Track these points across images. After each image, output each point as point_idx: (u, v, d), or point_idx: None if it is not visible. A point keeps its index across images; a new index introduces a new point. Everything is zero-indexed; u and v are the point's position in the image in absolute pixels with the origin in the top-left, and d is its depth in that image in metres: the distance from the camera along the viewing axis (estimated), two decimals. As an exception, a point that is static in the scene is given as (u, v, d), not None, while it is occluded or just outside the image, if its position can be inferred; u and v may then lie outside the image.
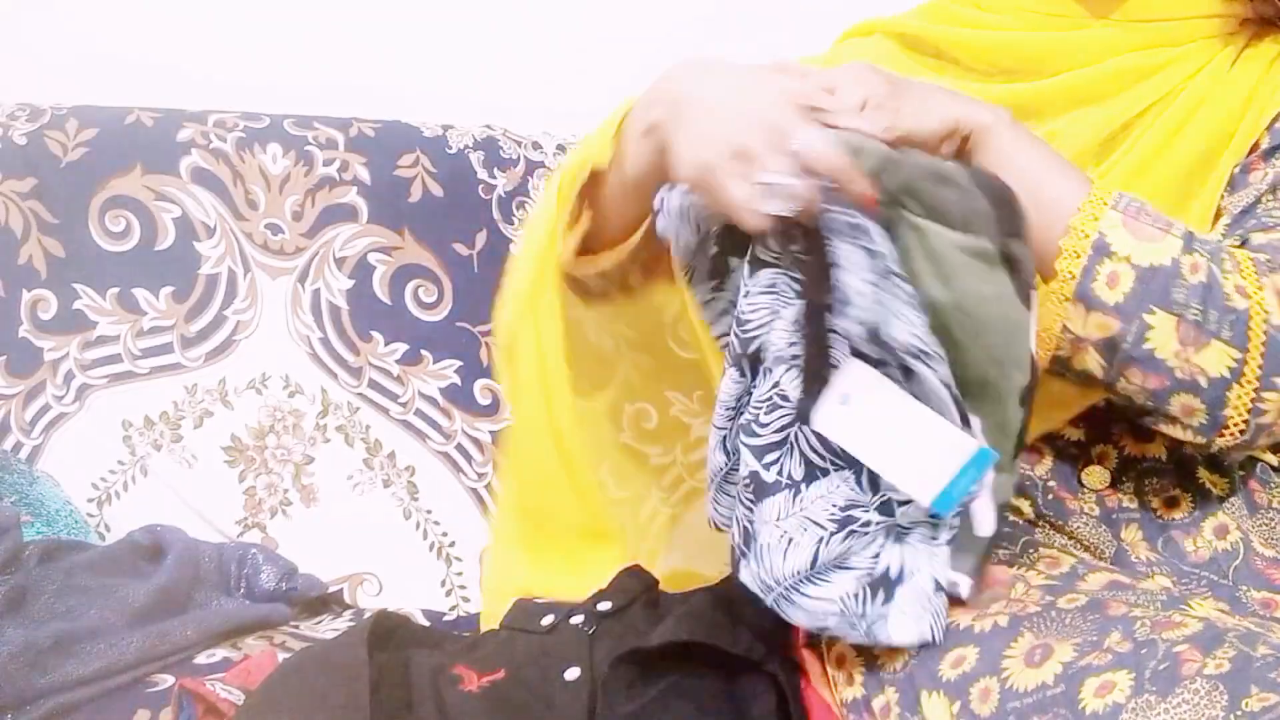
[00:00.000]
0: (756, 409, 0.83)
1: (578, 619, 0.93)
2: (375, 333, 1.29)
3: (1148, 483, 0.91)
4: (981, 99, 0.86)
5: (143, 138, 1.31)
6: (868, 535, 0.81)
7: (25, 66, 1.47)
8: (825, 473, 0.82)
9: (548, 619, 0.94)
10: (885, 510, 0.80)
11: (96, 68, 1.46)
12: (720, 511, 0.89)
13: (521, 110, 1.01)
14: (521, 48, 1.47)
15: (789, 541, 0.82)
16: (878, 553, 0.81)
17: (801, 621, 0.83)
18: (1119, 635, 0.73)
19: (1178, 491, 0.90)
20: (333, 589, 1.26)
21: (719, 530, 0.90)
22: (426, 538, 1.28)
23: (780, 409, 0.82)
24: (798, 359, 0.81)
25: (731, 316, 0.85)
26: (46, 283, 1.30)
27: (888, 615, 0.81)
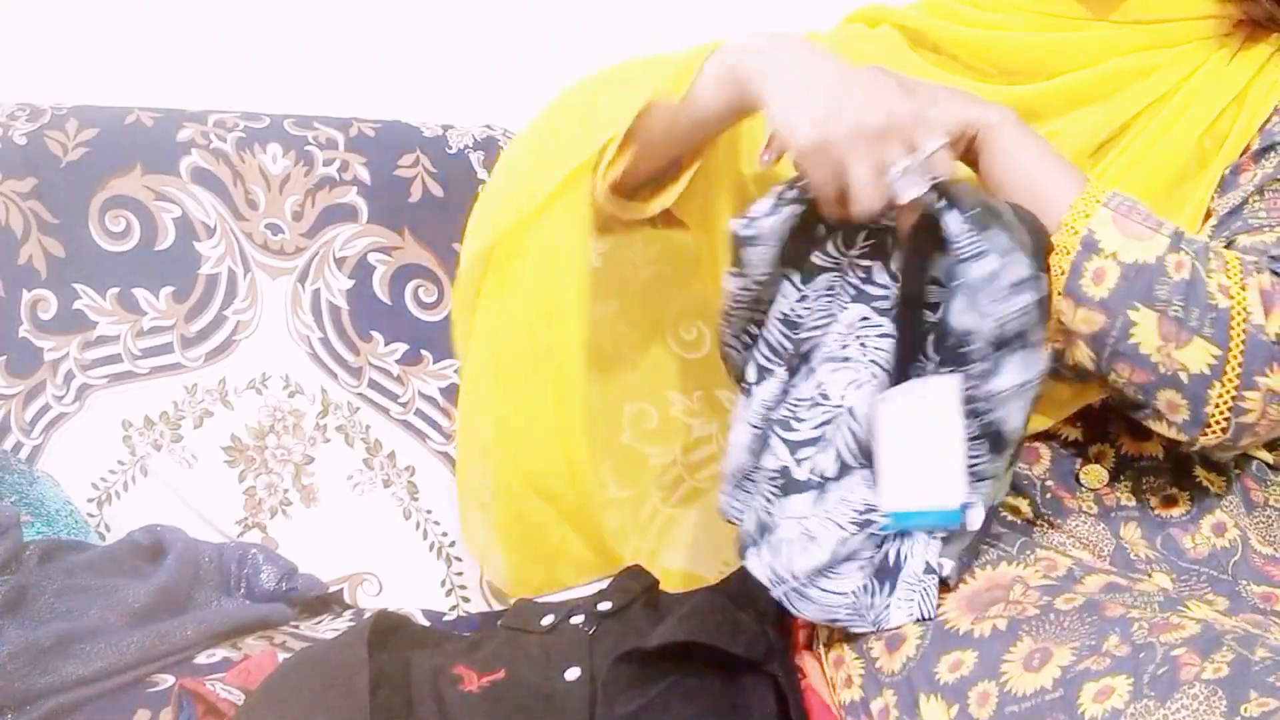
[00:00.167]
0: (795, 405, 0.86)
1: (578, 619, 0.93)
2: (375, 333, 1.29)
3: (1145, 481, 0.91)
4: (984, 98, 0.87)
5: (143, 138, 1.31)
6: (881, 535, 0.84)
7: (25, 66, 1.47)
8: (850, 471, 0.84)
9: (548, 619, 0.94)
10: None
11: (96, 68, 1.46)
12: (734, 506, 0.91)
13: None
14: (521, 48, 1.47)
15: (809, 539, 0.84)
16: (881, 544, 0.84)
17: (810, 615, 0.86)
18: (1117, 638, 0.73)
19: (1175, 490, 0.91)
20: (333, 589, 1.26)
21: (730, 523, 0.91)
22: (426, 538, 1.28)
23: (821, 406, 0.86)
24: (848, 360, 0.85)
25: (748, 311, 0.87)
26: (46, 283, 1.30)
27: (891, 603, 0.83)
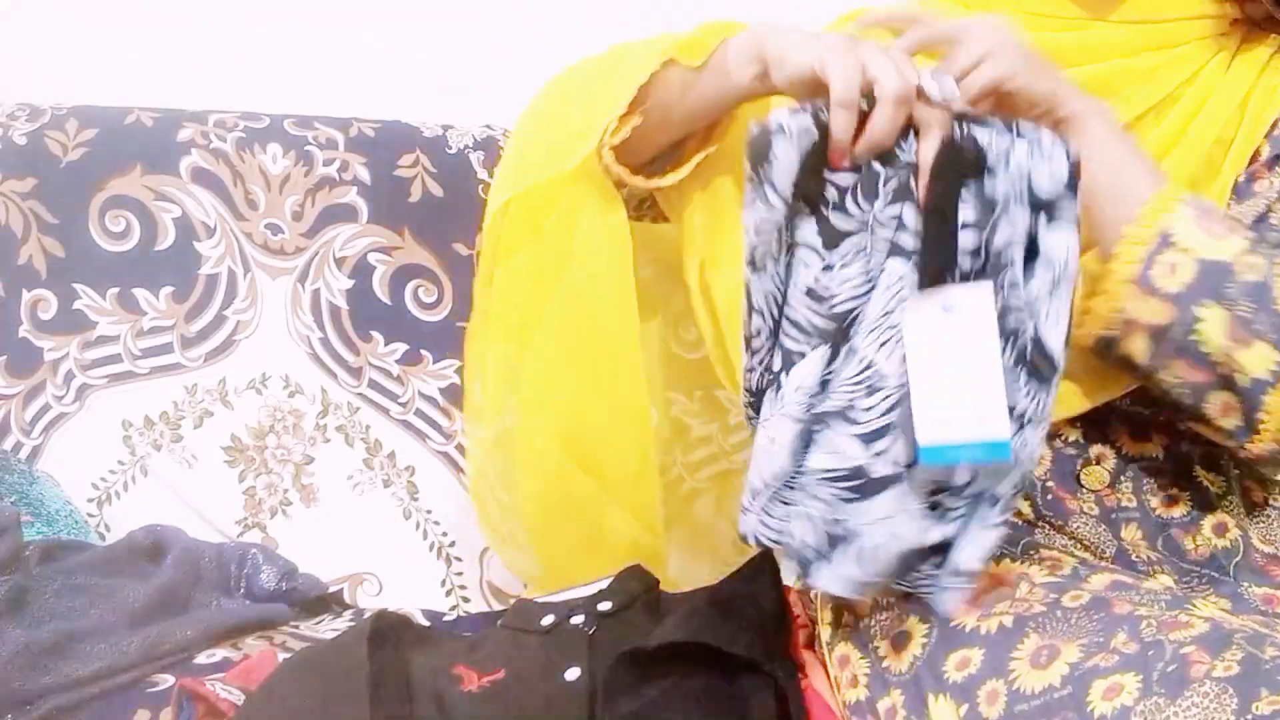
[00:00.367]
0: (850, 393, 0.77)
1: (578, 619, 0.93)
2: (375, 333, 1.29)
3: (1146, 482, 0.91)
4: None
5: (143, 138, 1.31)
6: (951, 521, 0.78)
7: (25, 66, 1.47)
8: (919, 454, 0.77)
9: (548, 619, 0.94)
10: (975, 499, 0.78)
11: (96, 68, 1.46)
12: (769, 524, 0.82)
13: (521, 110, 1.01)
14: (521, 48, 1.47)
15: (894, 536, 0.78)
16: (957, 532, 0.79)
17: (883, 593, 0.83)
18: (1125, 635, 0.73)
19: (1176, 490, 0.91)
20: (333, 589, 1.26)
21: (761, 546, 0.84)
22: (426, 538, 1.28)
23: (880, 390, 0.77)
24: (894, 329, 0.76)
25: (773, 253, 0.80)
26: (46, 283, 1.30)
27: (933, 585, 0.80)
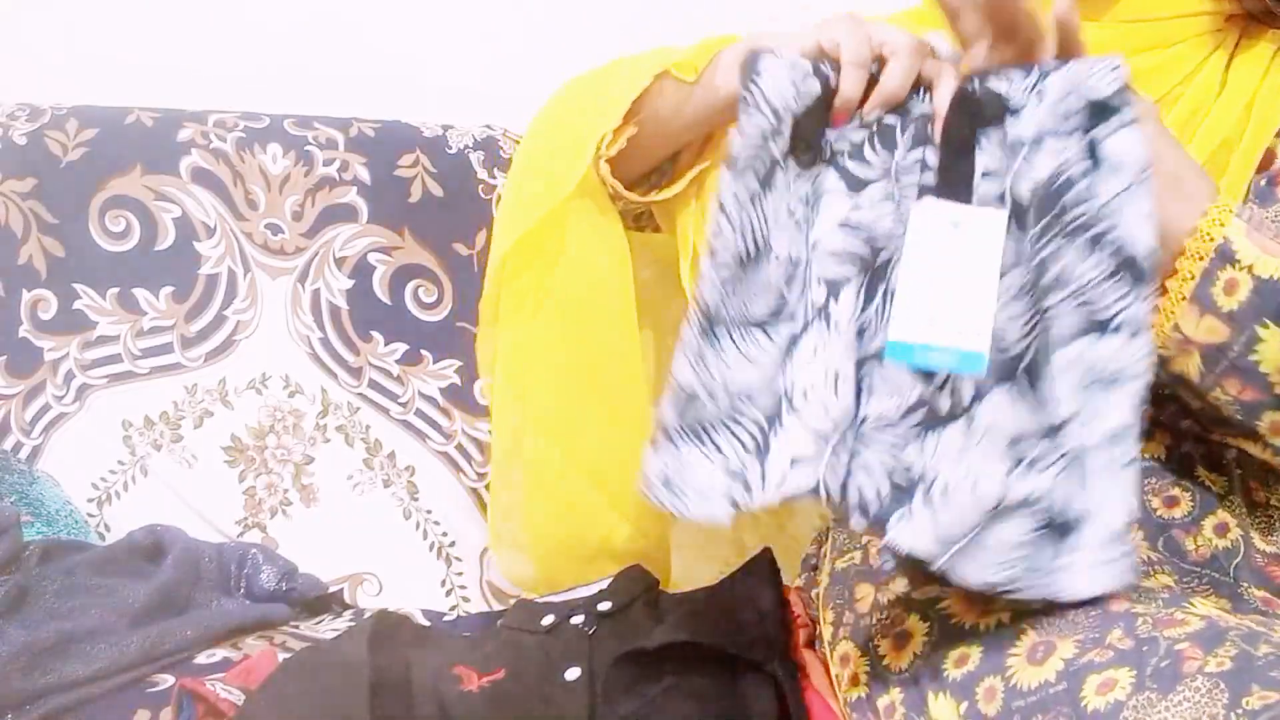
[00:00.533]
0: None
1: (578, 619, 0.93)
2: (375, 333, 1.29)
3: (1147, 482, 0.91)
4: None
5: (143, 138, 1.31)
6: (1050, 468, 0.74)
7: (25, 66, 1.47)
8: (984, 391, 0.74)
9: (548, 619, 0.94)
10: (1052, 434, 0.74)
11: (96, 68, 1.46)
12: (839, 473, 0.76)
13: (521, 110, 1.01)
14: (521, 48, 1.47)
15: (972, 479, 0.73)
16: (1052, 486, 0.74)
17: (977, 579, 0.74)
18: (1120, 632, 0.73)
19: (1177, 490, 0.90)
20: (333, 589, 1.26)
21: (838, 499, 0.76)
22: (426, 538, 1.28)
23: None
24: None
25: (741, 240, 0.78)
26: (46, 283, 1.30)
27: (1071, 564, 0.75)
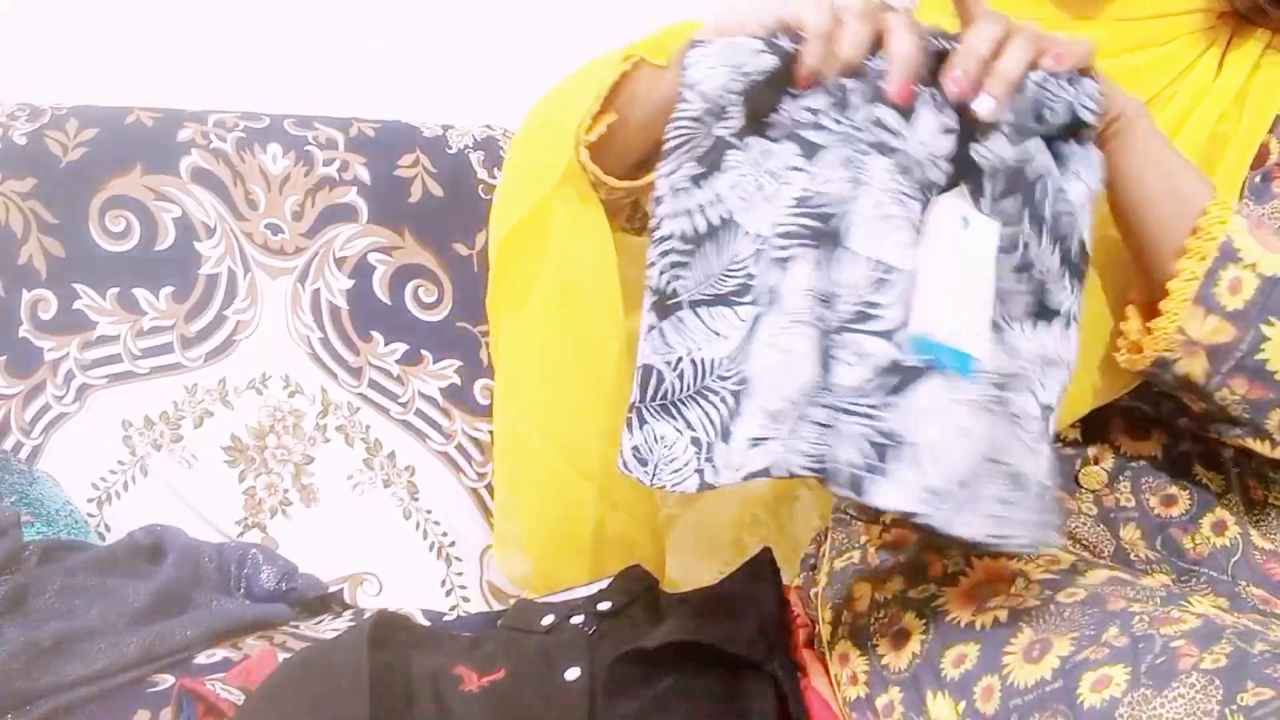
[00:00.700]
0: (861, 293, 0.75)
1: (578, 619, 0.93)
2: (375, 333, 1.29)
3: (1144, 482, 0.91)
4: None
5: (143, 138, 1.31)
6: (1002, 419, 0.75)
7: (25, 66, 1.47)
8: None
9: (548, 619, 0.94)
10: (1007, 386, 0.76)
11: (96, 68, 1.46)
12: (804, 449, 0.75)
13: (521, 110, 1.01)
14: (521, 48, 1.47)
15: (961, 432, 0.74)
16: (1011, 446, 0.75)
17: (971, 530, 0.73)
18: (1116, 630, 0.73)
19: (1175, 489, 0.91)
20: (333, 589, 1.26)
21: (808, 474, 0.76)
22: (426, 538, 1.28)
23: (887, 280, 0.75)
24: (891, 218, 0.76)
25: (684, 221, 0.79)
26: (46, 283, 1.30)
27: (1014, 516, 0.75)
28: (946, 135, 0.77)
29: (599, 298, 0.93)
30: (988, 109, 0.75)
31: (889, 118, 0.77)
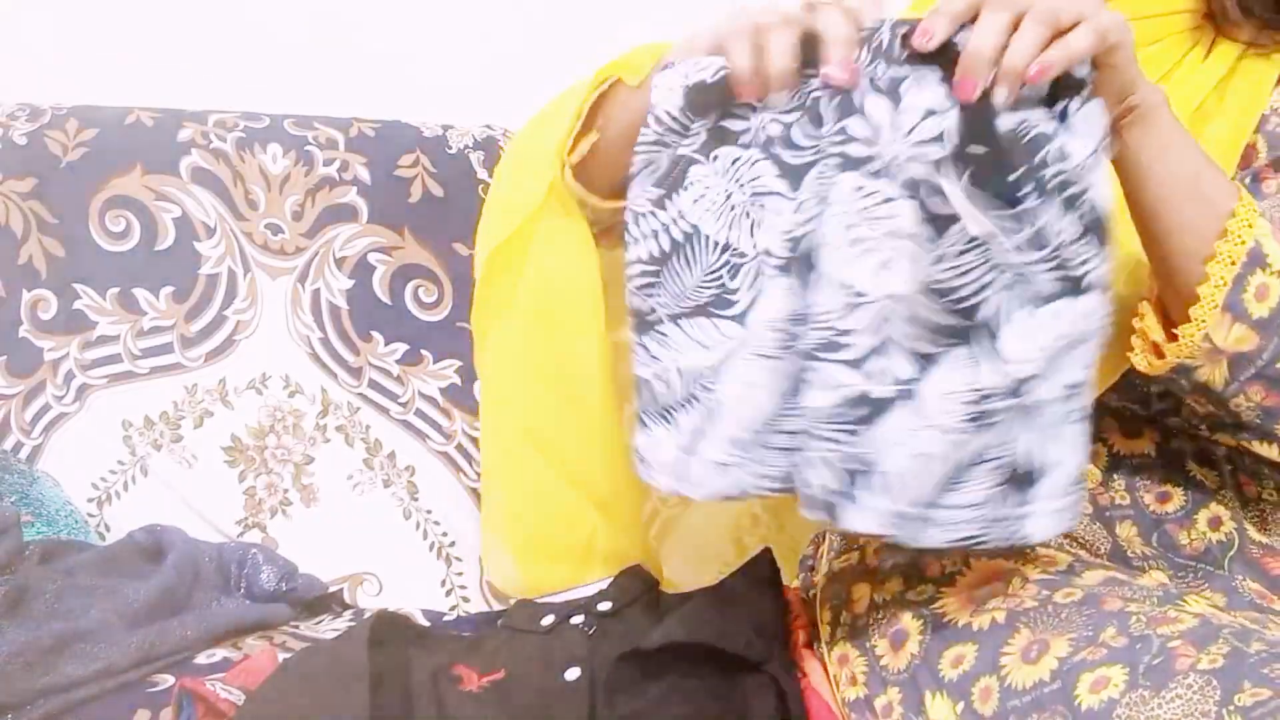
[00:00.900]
0: (825, 319, 0.75)
1: (578, 619, 0.94)
2: (375, 333, 1.29)
3: (1139, 479, 0.91)
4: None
5: (143, 138, 1.31)
6: (999, 424, 0.74)
7: (25, 66, 1.47)
8: (935, 359, 0.75)
9: (548, 619, 0.94)
10: (1014, 392, 0.74)
11: (96, 68, 1.46)
12: (771, 473, 0.78)
13: (521, 110, 1.01)
14: (521, 48, 1.47)
15: (926, 459, 0.74)
16: (1010, 441, 0.75)
17: (939, 541, 0.76)
18: (1114, 630, 0.73)
19: (1169, 486, 0.90)
20: (333, 589, 1.26)
21: (769, 494, 0.79)
22: (426, 538, 1.28)
23: (860, 306, 0.74)
24: (861, 242, 0.74)
25: (650, 243, 0.79)
26: (46, 283, 1.30)
27: (1030, 513, 0.75)
28: (932, 118, 0.73)
29: (581, 313, 0.94)
30: (999, 100, 0.72)
31: (858, 129, 0.74)
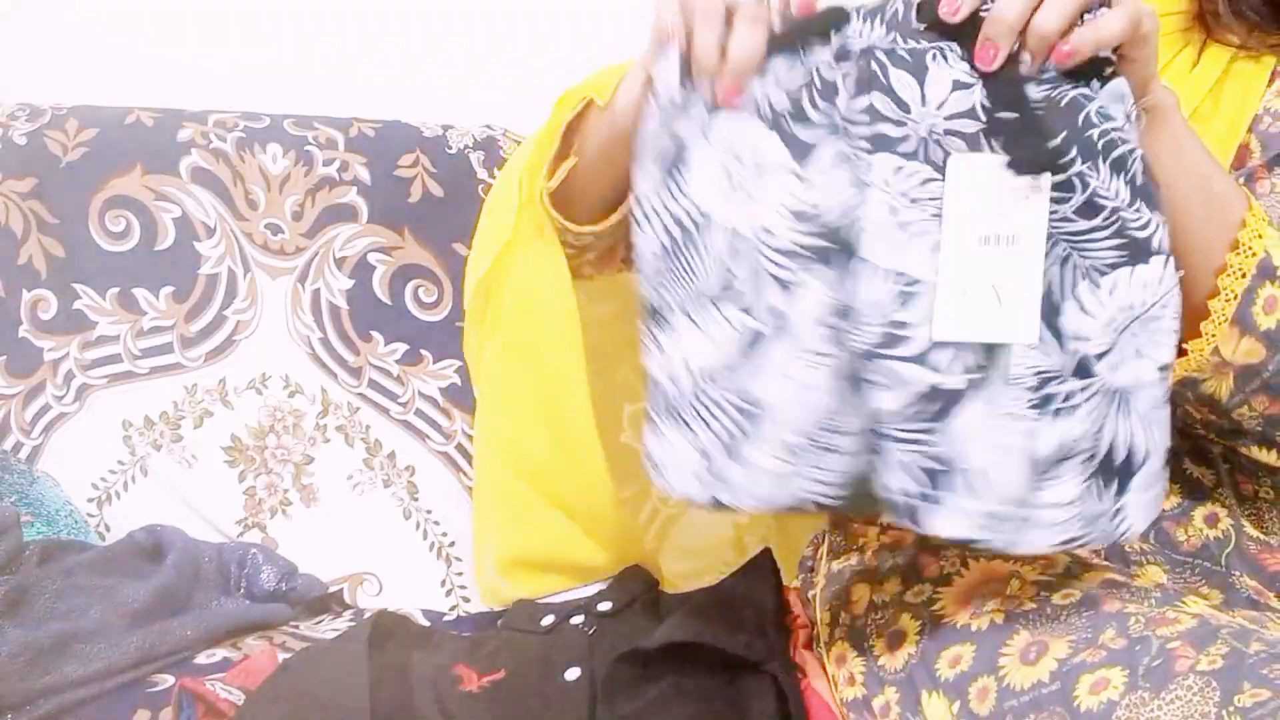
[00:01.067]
0: (884, 312, 0.70)
1: (578, 619, 0.94)
2: (375, 333, 1.29)
3: None
4: None
5: (143, 138, 1.31)
6: (1078, 408, 0.70)
7: (25, 66, 1.47)
8: (999, 348, 0.70)
9: (548, 619, 0.94)
10: (1082, 373, 0.70)
11: (96, 68, 1.46)
12: (830, 480, 0.73)
13: (521, 110, 1.01)
14: (521, 48, 1.47)
15: (1005, 451, 0.70)
16: (1098, 428, 0.71)
17: (1043, 545, 0.72)
18: (1113, 632, 0.73)
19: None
20: (333, 589, 1.26)
21: (830, 508, 0.74)
22: (426, 538, 1.28)
23: (915, 295, 0.69)
24: (908, 226, 0.69)
25: (654, 233, 0.75)
26: (46, 283, 1.30)
27: (1126, 505, 0.72)
28: (962, 91, 0.69)
29: (558, 338, 0.94)
30: (1026, 67, 0.69)
31: (885, 107, 0.69)
